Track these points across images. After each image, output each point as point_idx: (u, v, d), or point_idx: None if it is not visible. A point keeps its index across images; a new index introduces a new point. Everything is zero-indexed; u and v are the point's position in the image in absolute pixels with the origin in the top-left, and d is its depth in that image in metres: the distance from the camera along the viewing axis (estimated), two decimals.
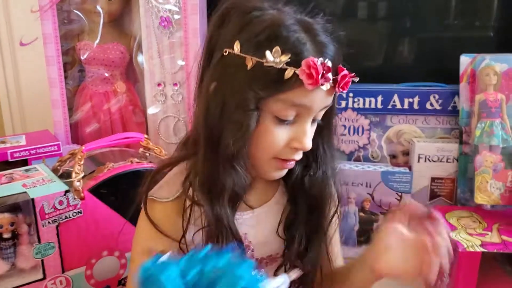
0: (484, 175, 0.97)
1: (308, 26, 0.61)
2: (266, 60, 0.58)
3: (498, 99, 0.97)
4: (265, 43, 0.59)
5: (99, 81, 1.11)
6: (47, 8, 1.02)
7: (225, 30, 0.63)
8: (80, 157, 0.89)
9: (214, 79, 0.62)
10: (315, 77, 0.57)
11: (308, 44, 0.59)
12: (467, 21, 1.17)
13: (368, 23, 1.20)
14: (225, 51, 0.60)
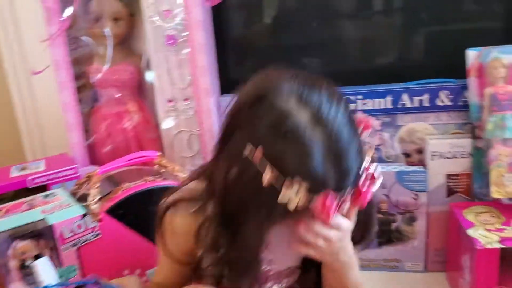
0: (499, 169, 0.96)
1: (338, 149, 0.59)
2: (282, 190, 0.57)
3: (508, 92, 0.96)
4: (288, 169, 0.57)
5: (111, 102, 1.14)
6: (56, 36, 1.05)
7: (252, 121, 0.61)
8: (95, 181, 0.92)
9: (233, 165, 0.62)
10: (326, 217, 0.58)
11: (330, 179, 0.58)
12: (472, 14, 1.16)
13: (373, 21, 1.20)
14: (248, 147, 0.59)
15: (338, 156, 0.59)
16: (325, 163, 0.58)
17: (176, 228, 0.71)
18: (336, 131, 0.59)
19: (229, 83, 1.20)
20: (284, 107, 0.59)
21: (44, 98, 1.21)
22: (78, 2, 1.05)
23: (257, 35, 1.24)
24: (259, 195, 0.59)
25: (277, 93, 0.60)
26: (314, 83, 0.62)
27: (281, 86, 0.61)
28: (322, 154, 0.58)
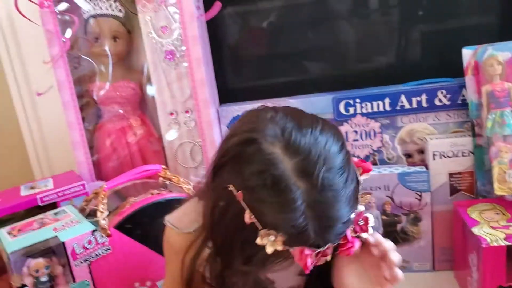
0: (501, 166, 0.97)
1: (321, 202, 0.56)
2: (259, 237, 0.56)
3: (505, 88, 0.97)
4: (266, 218, 0.56)
5: (115, 118, 1.16)
6: (58, 58, 1.07)
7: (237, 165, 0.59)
8: (103, 196, 0.94)
9: (221, 199, 0.61)
10: (304, 267, 0.56)
11: (309, 232, 0.56)
12: (466, 11, 1.16)
13: (367, 24, 1.21)
14: (231, 187, 0.58)
15: (320, 210, 0.56)
16: (304, 218, 0.55)
17: (173, 244, 0.73)
18: (322, 183, 0.55)
19: (228, 93, 1.23)
20: (269, 155, 0.56)
21: (48, 118, 1.24)
22: (78, 23, 1.08)
23: (253, 43, 1.25)
24: (242, 232, 0.58)
25: (264, 137, 0.58)
26: (305, 124, 0.59)
27: (268, 129, 0.58)
28: (301, 211, 0.55)
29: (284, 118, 0.60)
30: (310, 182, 0.55)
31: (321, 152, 0.56)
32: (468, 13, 1.17)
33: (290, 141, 0.57)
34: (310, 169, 0.55)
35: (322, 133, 0.58)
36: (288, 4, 1.22)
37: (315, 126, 0.59)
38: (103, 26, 1.10)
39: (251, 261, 0.59)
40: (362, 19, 1.21)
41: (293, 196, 0.54)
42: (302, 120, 0.59)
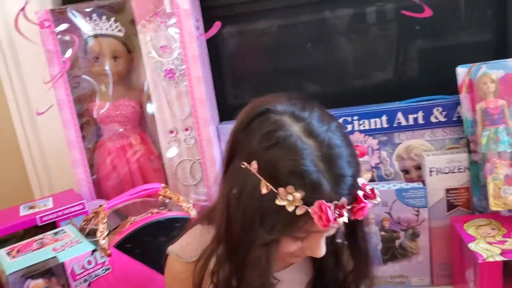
0: (496, 182, 0.98)
1: (329, 155, 0.61)
2: (279, 198, 0.59)
3: (499, 106, 0.98)
4: (282, 176, 0.59)
5: (115, 137, 1.17)
6: (58, 77, 1.08)
7: (247, 138, 0.64)
8: (103, 216, 0.94)
9: (233, 186, 0.64)
10: (326, 222, 0.59)
11: (324, 184, 0.59)
12: (461, 30, 1.19)
13: (365, 43, 1.23)
14: (243, 164, 0.62)
15: (330, 162, 0.60)
16: (316, 169, 0.59)
17: (179, 273, 0.73)
18: (327, 140, 0.61)
19: (228, 110, 1.24)
20: (278, 121, 0.62)
21: (48, 136, 1.24)
22: (78, 43, 1.09)
23: (253, 61, 1.27)
24: (261, 206, 0.60)
25: (271, 111, 0.64)
26: (306, 103, 0.66)
27: (274, 106, 0.64)
28: (313, 159, 0.59)
29: (286, 98, 0.66)
30: (316, 140, 0.61)
31: (322, 119, 0.63)
32: (463, 32, 1.19)
33: (295, 112, 0.63)
34: (315, 130, 0.61)
35: (321, 108, 0.66)
36: (287, 23, 1.24)
37: (314, 104, 0.66)
38: (103, 45, 1.12)
39: (273, 229, 0.61)
40: (359, 38, 1.23)
41: (305, 151, 0.60)
42: (301, 99, 0.67)
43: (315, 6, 1.21)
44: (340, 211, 0.60)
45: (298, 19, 1.23)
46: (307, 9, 1.21)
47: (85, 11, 1.10)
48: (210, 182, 1.12)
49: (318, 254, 0.66)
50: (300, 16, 1.22)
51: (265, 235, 0.61)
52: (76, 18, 1.10)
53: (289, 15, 1.23)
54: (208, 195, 1.14)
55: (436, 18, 1.15)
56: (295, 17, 1.23)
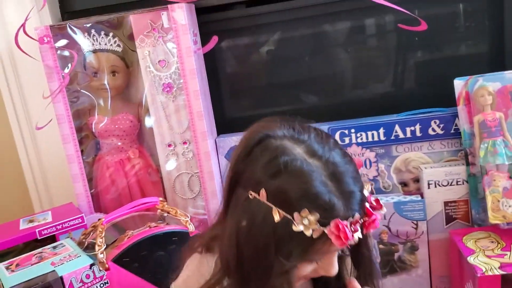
0: (494, 194, 0.98)
1: (336, 173, 0.61)
2: (294, 224, 0.58)
3: (496, 118, 0.98)
4: (294, 202, 0.59)
5: (113, 151, 1.18)
6: (58, 93, 1.09)
7: (251, 167, 0.63)
8: (101, 230, 0.94)
9: (242, 218, 0.63)
10: (344, 240, 0.58)
11: (337, 202, 0.59)
12: (459, 43, 1.19)
13: (361, 56, 1.24)
14: (250, 193, 0.62)
15: (338, 180, 0.60)
16: (327, 189, 0.59)
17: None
18: (331, 159, 0.61)
19: (226, 124, 1.25)
20: (279, 146, 0.62)
21: (48, 151, 1.26)
22: (76, 58, 1.10)
23: (250, 75, 1.28)
24: (275, 234, 0.60)
25: (270, 136, 0.63)
26: (302, 125, 0.66)
27: (272, 131, 0.64)
28: (322, 180, 0.59)
29: (282, 122, 0.66)
30: (321, 160, 0.61)
31: (321, 138, 0.64)
32: (460, 44, 1.20)
33: (294, 135, 0.64)
34: (317, 151, 0.62)
35: (316, 129, 0.66)
36: (283, 36, 1.25)
37: (309, 125, 0.67)
38: (102, 61, 1.13)
39: (291, 256, 0.60)
40: (357, 51, 1.24)
41: (312, 173, 0.60)
42: (297, 122, 0.67)
43: (312, 19, 1.22)
44: (355, 227, 0.60)
45: (295, 32, 1.24)
46: (304, 23, 1.22)
47: (84, 26, 1.11)
48: (208, 195, 1.13)
49: (332, 273, 0.66)
50: (297, 29, 1.23)
51: (283, 263, 0.60)
52: (75, 33, 1.11)
53: (286, 29, 1.24)
54: (206, 208, 1.14)
55: (434, 30, 1.16)
56: (292, 30, 1.24)
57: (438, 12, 1.18)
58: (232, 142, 1.16)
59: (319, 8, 1.19)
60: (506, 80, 0.99)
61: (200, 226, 1.15)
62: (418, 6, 1.16)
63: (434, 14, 1.17)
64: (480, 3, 1.17)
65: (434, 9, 1.17)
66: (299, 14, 1.20)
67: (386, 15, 1.19)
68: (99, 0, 1.22)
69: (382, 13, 1.19)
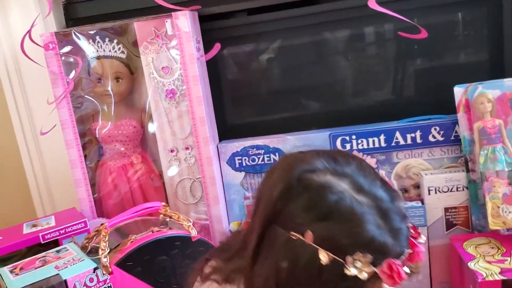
0: (494, 201, 0.99)
1: (384, 210, 0.59)
2: (346, 268, 0.55)
3: (496, 125, 1.00)
4: (346, 246, 0.56)
5: (116, 156, 1.18)
6: (62, 98, 1.10)
7: (292, 206, 0.59)
8: (104, 234, 0.95)
9: (282, 259, 0.59)
10: (398, 280, 0.57)
11: (389, 242, 0.57)
12: (459, 51, 1.21)
13: (362, 63, 1.25)
14: (293, 234, 0.58)
15: (387, 217, 0.58)
16: (380, 230, 0.57)
17: None
18: (378, 194, 0.59)
19: (228, 130, 1.26)
20: (323, 184, 0.58)
21: (51, 156, 1.26)
22: (81, 64, 1.11)
23: (252, 82, 1.29)
24: (321, 277, 0.57)
25: (310, 171, 0.60)
26: (341, 155, 0.63)
27: (312, 164, 0.61)
28: (374, 222, 0.57)
29: (318, 153, 0.63)
30: (368, 196, 0.58)
31: (362, 169, 0.61)
32: (460, 52, 1.22)
33: (336, 168, 0.60)
34: (363, 185, 0.59)
35: (354, 157, 0.64)
36: (285, 44, 1.27)
37: (346, 154, 0.64)
38: (106, 67, 1.14)
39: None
40: (358, 59, 1.26)
41: (364, 214, 0.57)
42: (333, 152, 0.65)
43: (313, 28, 1.23)
44: (403, 264, 0.58)
45: (296, 40, 1.26)
46: (304, 31, 1.24)
47: (88, 33, 1.12)
48: (210, 201, 1.14)
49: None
50: (298, 37, 1.25)
51: None
52: (80, 40, 1.12)
53: (287, 37, 1.26)
54: (208, 214, 1.15)
55: (434, 39, 1.18)
56: (293, 38, 1.25)
57: (438, 20, 1.20)
58: (234, 148, 1.17)
59: (319, 16, 1.21)
60: (506, 88, 1.00)
61: (202, 231, 1.16)
62: (418, 14, 1.18)
63: (434, 22, 1.19)
64: (479, 12, 1.19)
65: (434, 18, 1.19)
66: (300, 22, 1.22)
67: (386, 23, 1.21)
68: (103, 8, 1.23)
69: (382, 21, 1.21)
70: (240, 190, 1.19)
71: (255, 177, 1.19)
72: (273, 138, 1.16)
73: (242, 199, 1.20)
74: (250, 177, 1.19)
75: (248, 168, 1.18)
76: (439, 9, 1.19)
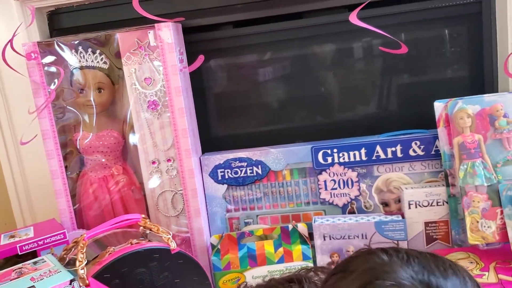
0: (473, 215, 0.99)
1: None
2: None
3: (475, 140, 1.00)
4: None
5: (97, 167, 1.17)
6: (43, 108, 1.10)
7: None
8: (82, 245, 0.94)
9: None
10: None
11: None
12: (440, 67, 1.22)
13: (345, 78, 1.26)
14: None
15: None
16: None
17: None
18: None
19: (211, 142, 1.26)
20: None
21: (32, 166, 1.25)
22: (63, 75, 1.11)
23: (236, 94, 1.30)
24: None
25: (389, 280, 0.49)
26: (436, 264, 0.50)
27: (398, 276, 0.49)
28: None
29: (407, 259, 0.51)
30: None
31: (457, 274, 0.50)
32: (442, 68, 1.23)
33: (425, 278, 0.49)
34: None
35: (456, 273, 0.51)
36: (269, 57, 1.27)
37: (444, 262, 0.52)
38: (89, 77, 1.13)
39: None
40: (342, 73, 1.26)
41: None
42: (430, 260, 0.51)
43: (298, 41, 1.24)
44: None
45: (281, 54, 1.26)
46: (289, 45, 1.25)
47: (71, 43, 1.12)
48: (191, 213, 1.13)
49: None
50: (283, 51, 1.26)
51: None
52: (62, 50, 1.12)
53: (272, 50, 1.26)
54: (189, 226, 1.14)
55: (415, 54, 1.19)
56: (278, 52, 1.26)
57: (420, 36, 1.21)
58: (217, 160, 1.17)
59: (304, 30, 1.22)
60: (485, 103, 1.01)
61: (183, 244, 1.15)
62: (400, 30, 1.20)
63: (415, 38, 1.21)
64: (460, 29, 1.20)
65: (415, 33, 1.21)
66: (284, 36, 1.23)
67: (369, 38, 1.22)
68: (88, 18, 1.23)
69: (365, 36, 1.22)
70: (222, 202, 1.19)
71: (237, 189, 1.19)
72: (256, 150, 1.16)
73: (224, 211, 1.19)
74: (232, 189, 1.19)
75: (230, 180, 1.18)
76: (421, 25, 1.20)
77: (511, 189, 0.97)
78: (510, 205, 0.97)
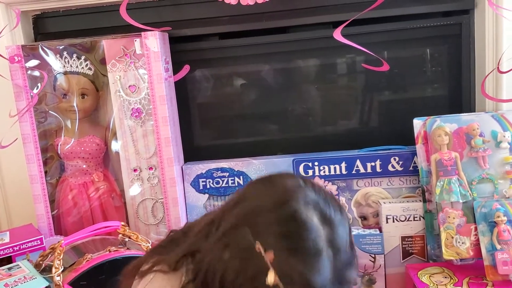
0: (448, 231, 1.01)
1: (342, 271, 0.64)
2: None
3: (452, 158, 1.03)
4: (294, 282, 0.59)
5: (78, 173, 1.17)
6: (25, 112, 1.09)
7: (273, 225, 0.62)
8: (59, 252, 0.93)
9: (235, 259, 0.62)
10: None
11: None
12: (420, 86, 1.26)
13: (327, 94, 1.29)
14: (258, 247, 0.60)
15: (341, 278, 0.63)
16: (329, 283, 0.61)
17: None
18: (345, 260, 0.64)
19: (194, 151, 1.26)
20: (309, 224, 0.62)
21: (10, 170, 1.24)
22: (46, 79, 1.10)
23: (220, 105, 1.31)
24: None
25: (305, 205, 0.63)
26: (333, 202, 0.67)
27: (308, 201, 0.64)
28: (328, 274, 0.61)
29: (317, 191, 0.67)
30: (335, 253, 0.63)
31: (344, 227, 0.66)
32: (422, 87, 1.26)
33: (325, 213, 0.64)
34: (336, 240, 0.63)
35: (342, 213, 0.68)
36: (255, 69, 1.29)
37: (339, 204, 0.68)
38: (72, 83, 1.13)
39: None
40: (323, 88, 1.28)
41: (327, 263, 0.61)
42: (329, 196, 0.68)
43: (283, 55, 1.26)
44: None
45: (266, 66, 1.28)
46: (274, 58, 1.27)
47: (56, 48, 1.12)
48: (171, 222, 1.13)
49: None
50: (268, 63, 1.28)
51: None
52: (47, 55, 1.12)
53: (257, 62, 1.28)
54: None
55: (396, 72, 1.22)
56: (263, 64, 1.28)
57: (401, 55, 1.25)
58: (199, 169, 1.17)
59: (288, 44, 1.24)
60: (462, 122, 1.04)
61: None
62: (386, 48, 1.23)
63: (397, 57, 1.24)
64: (440, 49, 1.24)
65: (397, 52, 1.24)
66: (270, 49, 1.25)
67: (352, 55, 1.24)
68: (74, 24, 1.23)
69: (350, 53, 1.25)
70: (203, 212, 1.19)
71: (218, 199, 1.19)
72: (238, 161, 1.17)
73: None
74: (213, 199, 1.19)
75: (212, 190, 1.18)
76: (403, 44, 1.24)
77: (485, 206, 1.00)
78: (484, 222, 0.99)
